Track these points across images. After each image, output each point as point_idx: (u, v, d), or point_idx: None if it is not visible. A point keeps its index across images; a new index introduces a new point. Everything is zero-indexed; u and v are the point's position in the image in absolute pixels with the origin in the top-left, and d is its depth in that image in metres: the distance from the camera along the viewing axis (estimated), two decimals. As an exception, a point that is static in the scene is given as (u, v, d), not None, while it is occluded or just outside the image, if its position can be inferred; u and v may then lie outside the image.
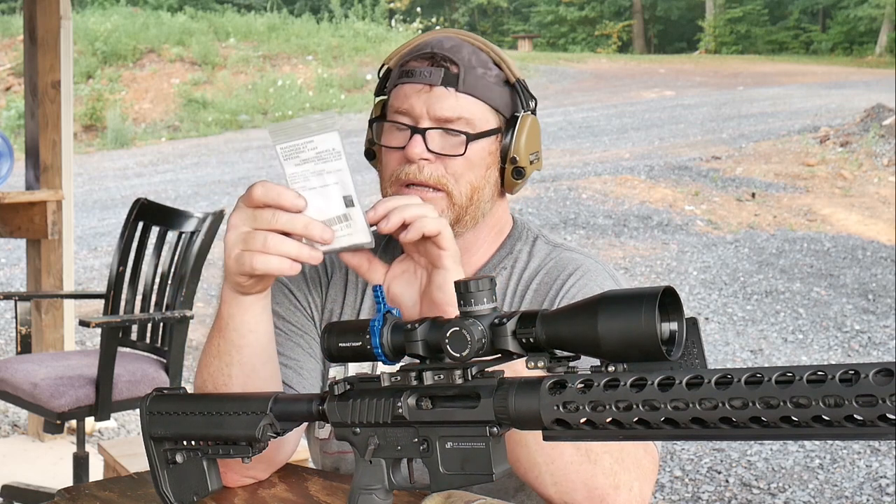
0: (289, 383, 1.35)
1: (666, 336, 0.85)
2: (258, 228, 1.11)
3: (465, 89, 1.32)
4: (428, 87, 1.32)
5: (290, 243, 1.11)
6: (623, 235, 7.73)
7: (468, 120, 1.32)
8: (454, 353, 0.92)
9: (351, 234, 1.13)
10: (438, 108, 1.31)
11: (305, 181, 1.12)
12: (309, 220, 1.11)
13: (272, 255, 1.11)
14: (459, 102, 1.32)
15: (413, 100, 1.32)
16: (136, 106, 16.89)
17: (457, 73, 1.32)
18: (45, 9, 4.00)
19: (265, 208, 1.11)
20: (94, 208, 9.55)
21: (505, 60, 1.37)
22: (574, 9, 31.18)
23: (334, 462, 1.42)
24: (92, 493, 1.31)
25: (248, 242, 1.11)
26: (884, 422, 0.71)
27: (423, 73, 1.32)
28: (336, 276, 1.45)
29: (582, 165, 10.17)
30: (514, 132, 1.36)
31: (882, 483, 3.84)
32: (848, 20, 27.55)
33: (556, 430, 0.87)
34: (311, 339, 1.41)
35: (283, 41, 20.10)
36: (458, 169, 1.32)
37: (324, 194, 1.12)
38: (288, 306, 1.41)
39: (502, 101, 1.36)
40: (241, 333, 1.22)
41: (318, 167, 1.12)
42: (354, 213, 1.12)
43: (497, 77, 1.35)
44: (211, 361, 1.25)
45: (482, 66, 1.34)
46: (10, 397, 3.06)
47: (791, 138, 11.22)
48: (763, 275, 6.97)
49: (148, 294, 3.29)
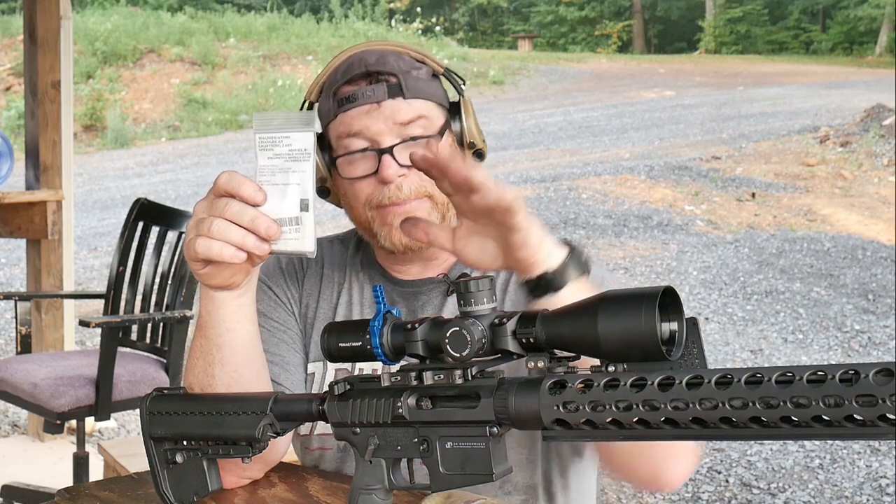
0: (276, 380, 1.35)
1: (666, 336, 0.85)
2: (211, 215, 1.11)
3: (411, 94, 1.32)
4: (376, 104, 1.31)
5: (235, 231, 1.09)
6: (623, 235, 7.72)
7: (426, 118, 1.33)
8: (454, 353, 0.92)
9: (298, 238, 1.11)
10: (396, 117, 1.30)
11: (272, 176, 1.11)
12: (257, 214, 1.09)
13: (216, 240, 1.10)
14: (412, 107, 1.32)
15: (366, 121, 1.31)
16: (136, 106, 16.89)
17: (397, 82, 1.31)
18: (45, 9, 4.00)
19: (224, 196, 1.11)
20: (94, 208, 9.55)
21: (425, 55, 1.38)
22: (574, 9, 31.19)
23: (315, 460, 1.42)
24: (92, 493, 1.31)
25: (199, 227, 1.12)
26: (884, 422, 0.71)
27: (366, 94, 1.31)
28: (312, 270, 1.46)
29: (582, 165, 10.17)
30: (462, 118, 1.36)
31: (882, 483, 3.84)
32: (848, 20, 27.56)
33: (556, 431, 0.87)
34: (295, 335, 1.42)
35: (283, 41, 20.11)
36: None
37: (284, 192, 1.11)
38: (269, 303, 1.41)
39: (440, 94, 1.37)
40: (219, 332, 1.22)
41: (286, 164, 1.11)
42: (307, 218, 1.10)
43: (427, 73, 1.36)
44: (195, 363, 1.25)
45: (412, 67, 1.34)
46: (10, 397, 3.06)
47: (791, 138, 11.22)
48: (763, 275, 6.97)
49: (148, 294, 3.29)
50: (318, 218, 1.11)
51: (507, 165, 10.56)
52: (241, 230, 1.09)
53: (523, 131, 13.40)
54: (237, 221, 1.09)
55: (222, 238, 1.10)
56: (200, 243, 1.11)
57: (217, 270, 1.16)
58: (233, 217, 1.09)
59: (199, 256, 1.12)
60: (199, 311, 1.24)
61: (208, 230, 1.10)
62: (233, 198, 1.10)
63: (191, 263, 1.16)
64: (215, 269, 1.15)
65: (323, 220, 7.17)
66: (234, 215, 1.09)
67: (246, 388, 1.24)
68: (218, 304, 1.21)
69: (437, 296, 1.40)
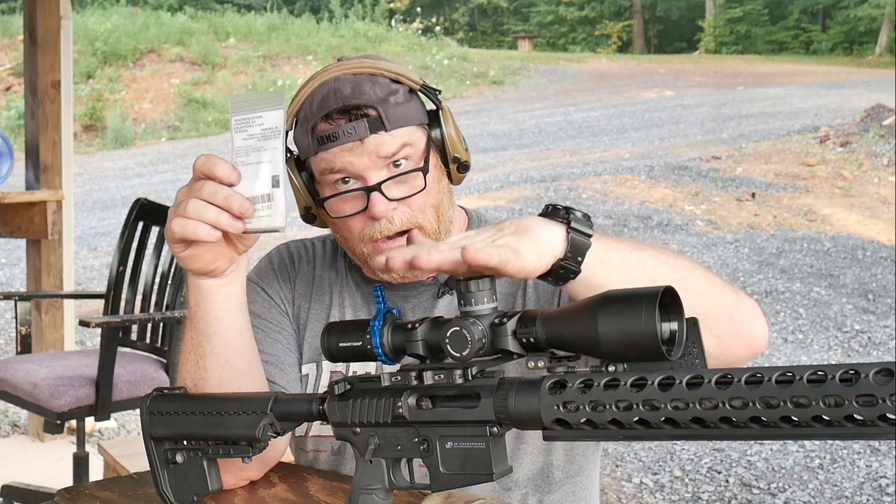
0: (272, 379, 1.35)
1: (666, 336, 0.85)
2: (189, 196, 1.14)
3: (392, 125, 1.30)
4: (359, 141, 1.29)
5: (209, 210, 1.12)
6: (623, 235, 7.72)
7: (410, 145, 1.32)
8: (454, 352, 0.92)
9: (270, 215, 1.13)
10: (381, 151, 1.29)
11: (246, 156, 1.14)
12: (231, 192, 1.12)
13: (191, 219, 1.13)
14: (395, 138, 1.30)
15: (349, 158, 1.30)
16: (136, 106, 16.89)
17: (377, 115, 1.29)
18: (45, 9, 4.00)
19: (201, 178, 1.14)
20: (94, 208, 9.55)
21: (400, 72, 1.34)
22: (574, 9, 31.19)
23: (309, 461, 1.43)
24: (92, 493, 1.31)
25: (177, 209, 1.14)
26: (884, 422, 0.71)
27: (347, 132, 1.29)
28: (304, 270, 1.46)
29: (582, 165, 10.17)
30: (442, 131, 1.35)
31: (882, 483, 3.84)
32: (848, 20, 27.55)
33: (557, 430, 0.87)
34: (289, 335, 1.42)
35: (283, 41, 20.11)
36: (420, 201, 1.32)
37: (256, 171, 1.14)
38: (262, 304, 1.42)
39: (420, 113, 1.35)
40: (208, 322, 1.23)
41: (258, 143, 1.14)
42: (277, 194, 1.13)
43: (404, 94, 1.33)
44: (187, 357, 1.26)
45: (389, 93, 1.32)
46: (10, 397, 3.06)
47: (791, 138, 11.22)
48: (763, 275, 6.97)
49: (148, 294, 3.29)
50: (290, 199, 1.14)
51: (507, 165, 10.57)
52: (215, 209, 1.12)
53: (523, 131, 13.41)
54: (211, 201, 1.12)
55: (197, 217, 1.12)
56: (176, 223, 1.14)
57: (197, 252, 1.17)
58: (207, 197, 1.12)
59: (176, 236, 1.15)
60: (188, 303, 1.25)
61: (184, 210, 1.13)
62: (210, 179, 1.13)
63: (171, 246, 1.18)
64: (195, 251, 1.17)
65: (323, 220, 7.13)
66: (208, 195, 1.12)
67: (238, 379, 1.24)
68: (205, 293, 1.22)
69: (427, 298, 1.40)
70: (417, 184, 1.31)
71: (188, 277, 1.23)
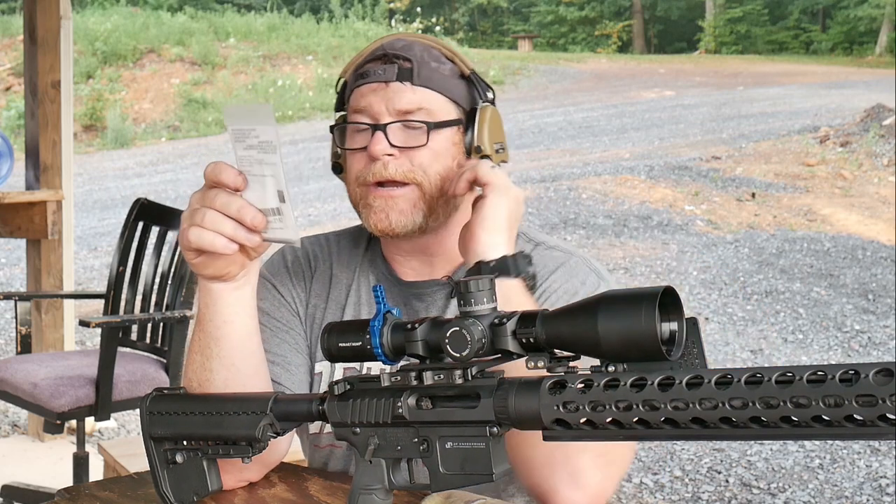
0: (277, 380, 1.34)
1: (666, 336, 0.85)
2: (204, 205, 1.15)
3: (420, 82, 1.33)
4: (384, 84, 1.33)
5: (227, 222, 1.14)
6: (623, 235, 7.72)
7: (428, 110, 1.33)
8: (454, 353, 0.92)
9: (282, 228, 1.15)
10: (397, 101, 1.32)
11: (250, 167, 1.15)
12: (244, 204, 1.14)
13: (207, 230, 1.14)
14: (417, 95, 1.32)
15: (370, 98, 1.33)
16: (136, 106, 16.89)
17: (410, 67, 1.33)
18: (45, 9, 4.00)
19: (213, 187, 1.15)
20: (94, 208, 9.55)
21: (457, 55, 1.38)
22: (574, 9, 31.18)
23: (325, 457, 1.42)
24: (92, 493, 1.31)
25: (192, 218, 1.15)
26: (884, 422, 0.71)
27: (377, 72, 1.33)
28: (321, 270, 1.45)
29: (582, 165, 10.17)
30: (476, 123, 1.36)
31: (882, 483, 3.84)
32: (848, 20, 27.55)
33: (557, 431, 0.87)
34: (297, 335, 1.41)
35: (283, 41, 20.11)
36: (424, 160, 1.32)
37: (262, 183, 1.14)
38: (272, 302, 1.41)
39: (459, 93, 1.36)
40: (217, 325, 1.23)
41: (259, 156, 1.14)
42: (285, 209, 1.14)
43: (451, 70, 1.36)
44: (194, 358, 1.26)
45: (435, 60, 1.35)
46: (10, 397, 3.06)
47: (791, 138, 11.22)
48: (763, 275, 6.97)
49: (148, 294, 3.29)
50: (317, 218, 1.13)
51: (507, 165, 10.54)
52: (232, 222, 1.13)
53: (523, 131, 13.40)
54: (224, 211, 1.14)
55: (214, 229, 1.14)
56: (193, 233, 1.15)
57: (210, 260, 1.18)
58: (221, 207, 1.13)
59: (192, 246, 1.16)
60: (199, 305, 1.26)
61: (201, 220, 1.14)
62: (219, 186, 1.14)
63: (185, 253, 1.19)
64: (208, 259, 1.18)
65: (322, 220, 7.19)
66: (222, 205, 1.13)
67: (244, 383, 1.24)
68: (215, 297, 1.22)
69: (440, 298, 1.40)
70: (422, 139, 1.32)
71: (199, 280, 1.23)
